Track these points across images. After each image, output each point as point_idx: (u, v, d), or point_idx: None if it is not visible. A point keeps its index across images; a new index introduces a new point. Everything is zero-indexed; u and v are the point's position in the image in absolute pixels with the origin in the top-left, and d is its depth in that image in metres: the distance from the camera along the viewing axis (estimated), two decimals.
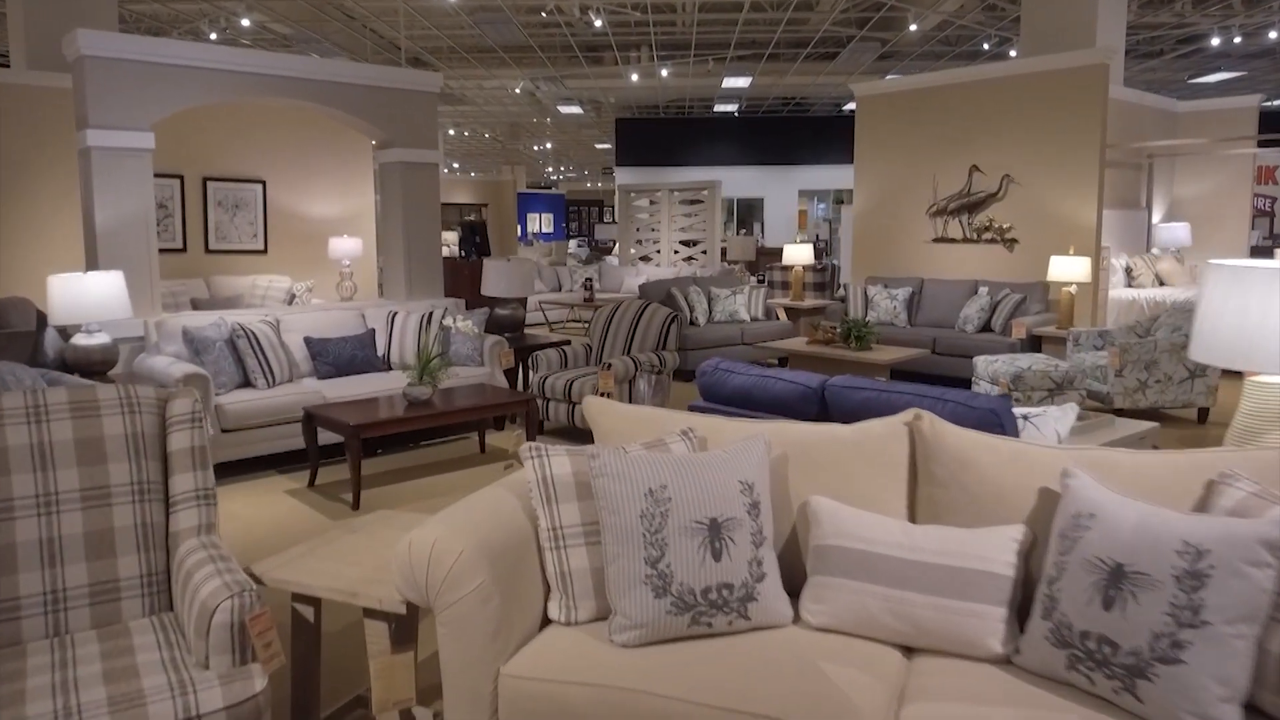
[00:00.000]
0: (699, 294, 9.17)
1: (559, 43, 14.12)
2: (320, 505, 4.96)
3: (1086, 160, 8.23)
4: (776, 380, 3.43)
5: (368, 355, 6.24)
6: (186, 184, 9.09)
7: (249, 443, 5.43)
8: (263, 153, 9.47)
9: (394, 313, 6.56)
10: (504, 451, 6.03)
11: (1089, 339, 7.36)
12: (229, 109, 9.20)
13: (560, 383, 6.19)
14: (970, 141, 9.02)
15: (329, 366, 6.04)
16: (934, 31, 13.48)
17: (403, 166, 7.14)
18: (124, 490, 2.40)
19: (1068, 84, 8.30)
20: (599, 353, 6.74)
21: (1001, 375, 6.75)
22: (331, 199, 9.96)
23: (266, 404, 5.46)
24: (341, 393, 5.73)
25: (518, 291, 7.10)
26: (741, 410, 3.50)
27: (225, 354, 5.56)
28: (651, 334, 6.50)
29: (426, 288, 7.35)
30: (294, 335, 6.12)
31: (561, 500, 2.23)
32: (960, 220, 9.12)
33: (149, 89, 5.99)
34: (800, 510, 2.36)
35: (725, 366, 3.62)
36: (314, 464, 5.28)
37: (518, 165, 29.00)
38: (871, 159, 9.92)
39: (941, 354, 8.14)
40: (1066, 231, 8.37)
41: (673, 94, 18.78)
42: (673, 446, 2.40)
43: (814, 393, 3.32)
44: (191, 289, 8.96)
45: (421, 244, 7.29)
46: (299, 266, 9.76)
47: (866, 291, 9.24)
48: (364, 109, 6.93)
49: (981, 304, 8.27)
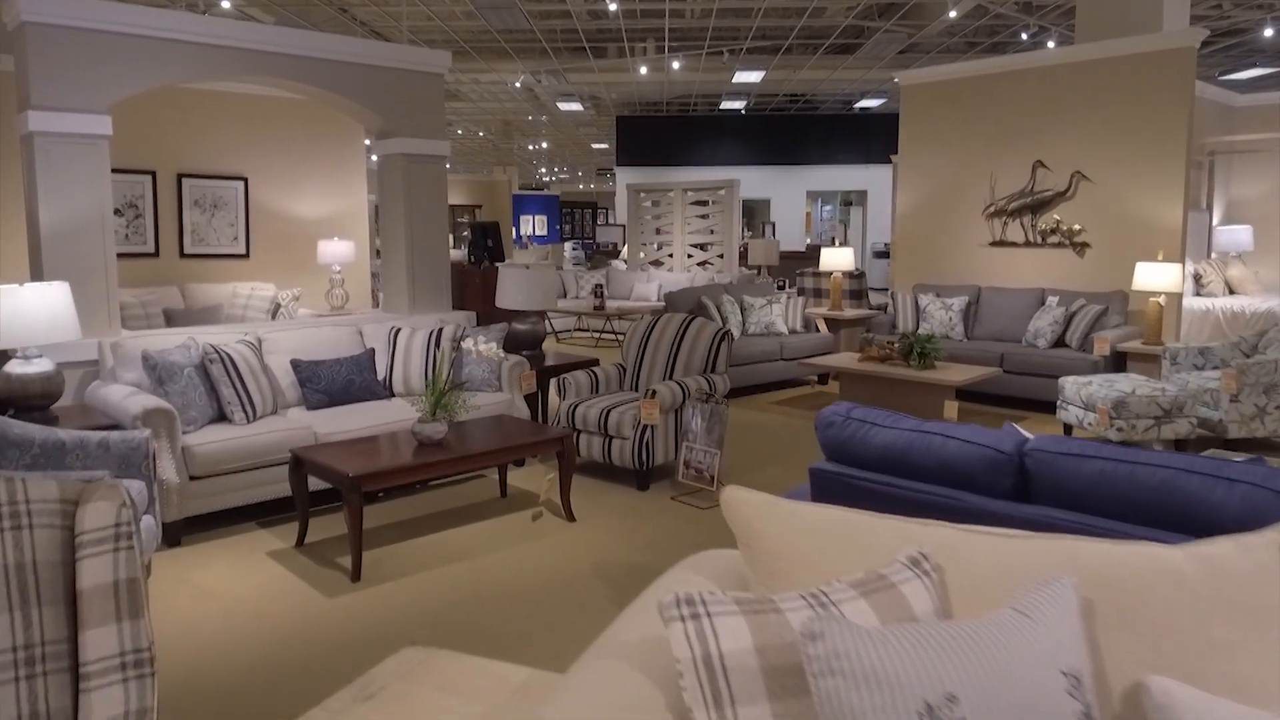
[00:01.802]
0: (732, 304, 8.23)
1: (564, 32, 13.17)
2: (312, 574, 3.99)
3: (1170, 155, 7.35)
4: (947, 439, 2.49)
5: (366, 380, 5.28)
6: (159, 181, 8.18)
7: (224, 491, 4.46)
8: (244, 146, 8.55)
9: (396, 329, 5.59)
10: (530, 496, 5.08)
11: (1188, 357, 6.47)
12: (206, 96, 8.24)
13: (594, 412, 5.24)
14: (1033, 135, 8.12)
15: (321, 395, 5.08)
16: (966, 20, 12.61)
17: (405, 159, 6.17)
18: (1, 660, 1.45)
19: (1147, 69, 7.42)
20: (635, 375, 5.79)
21: (1099, 401, 5.85)
22: (321, 198, 9.02)
23: (245, 444, 4.49)
24: (336, 427, 4.77)
25: (539, 304, 6.15)
26: (896, 482, 2.56)
27: (195, 382, 4.59)
28: (698, 354, 5.56)
29: (433, 300, 6.38)
30: (279, 357, 5.15)
31: (741, 701, 1.29)
32: (1022, 222, 8.23)
33: (105, 63, 5.01)
34: (1131, 700, 1.42)
35: (863, 415, 2.68)
36: (303, 518, 4.31)
37: (510, 166, 28.04)
38: (917, 155, 9.01)
39: (1012, 372, 7.23)
40: (1147, 235, 7.48)
41: (679, 89, 17.87)
42: (906, 590, 1.46)
43: (1008, 459, 2.39)
44: (164, 298, 8.00)
45: (427, 249, 6.33)
46: (285, 272, 8.82)
47: (918, 301, 8.33)
48: (361, 92, 5.97)
49: (1054, 316, 7.37)
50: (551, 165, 34.91)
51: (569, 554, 4.21)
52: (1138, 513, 2.18)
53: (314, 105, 8.43)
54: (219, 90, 8.36)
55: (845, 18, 12.65)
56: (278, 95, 8.43)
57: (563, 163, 33.93)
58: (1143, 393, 5.77)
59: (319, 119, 8.77)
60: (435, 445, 4.26)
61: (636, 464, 5.09)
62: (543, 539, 4.41)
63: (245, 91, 8.47)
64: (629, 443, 5.11)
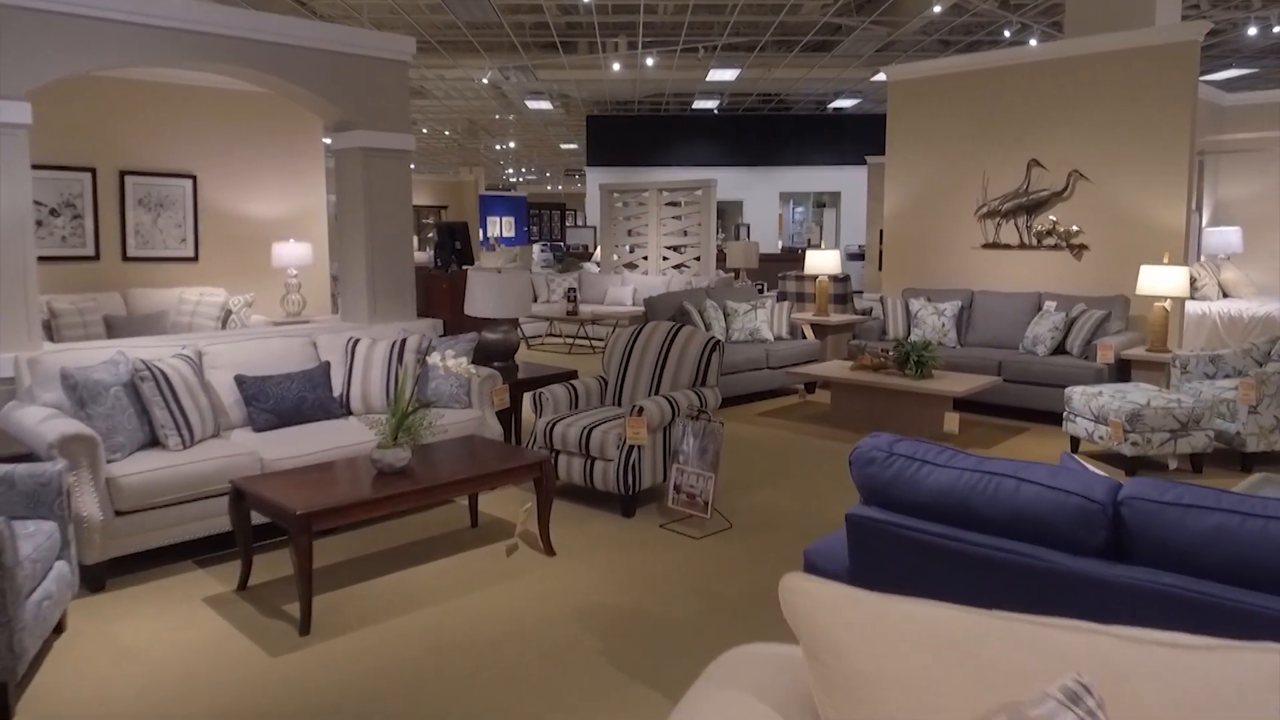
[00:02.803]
0: (716, 310, 7.79)
1: (533, 26, 12.68)
2: (255, 626, 3.48)
3: (1172, 153, 7.03)
4: (1020, 483, 2.06)
5: (321, 398, 4.76)
6: (100, 179, 7.62)
7: (156, 528, 3.92)
8: (193, 141, 8.02)
9: (354, 340, 5.08)
10: (504, 524, 4.59)
11: (1198, 365, 6.13)
12: (152, 87, 7.68)
13: (574, 431, 4.77)
14: (1028, 132, 7.78)
15: (269, 415, 4.55)
16: (945, 18, 12.30)
17: (365, 154, 5.66)
18: None
19: (1148, 64, 7.10)
20: (617, 389, 5.33)
21: (1111, 413, 5.48)
22: (276, 197, 8.49)
23: (181, 473, 3.96)
24: (285, 452, 4.25)
25: (511, 311, 5.66)
26: (956, 534, 2.12)
27: (123, 403, 4.05)
28: (687, 365, 5.10)
29: (396, 307, 5.87)
30: (222, 373, 4.62)
31: None
32: (1016, 223, 7.88)
33: (21, 43, 4.45)
34: None
35: (911, 451, 2.25)
36: (246, 557, 3.79)
37: (476, 166, 27.44)
38: (906, 153, 8.64)
39: (1011, 381, 6.86)
40: (1149, 237, 7.16)
41: (651, 88, 17.43)
42: None
43: (1099, 510, 1.96)
44: (105, 304, 7.43)
45: (389, 252, 5.81)
46: (236, 277, 8.28)
47: (909, 306, 7.95)
48: (315, 80, 5.45)
49: (1054, 322, 7.01)
50: (519, 166, 34.35)
51: (549, 596, 3.74)
52: (1271, 579, 1.76)
53: (269, 97, 7.87)
54: (166, 81, 7.79)
55: (822, 15, 12.28)
56: (230, 86, 7.87)
57: (530, 163, 33.38)
58: (1158, 405, 5.41)
59: (274, 112, 8.21)
60: (397, 474, 3.76)
61: (621, 488, 4.62)
62: (519, 578, 3.92)
63: (195, 82, 7.90)
64: (613, 465, 4.64)
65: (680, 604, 3.65)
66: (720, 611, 3.59)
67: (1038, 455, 6.00)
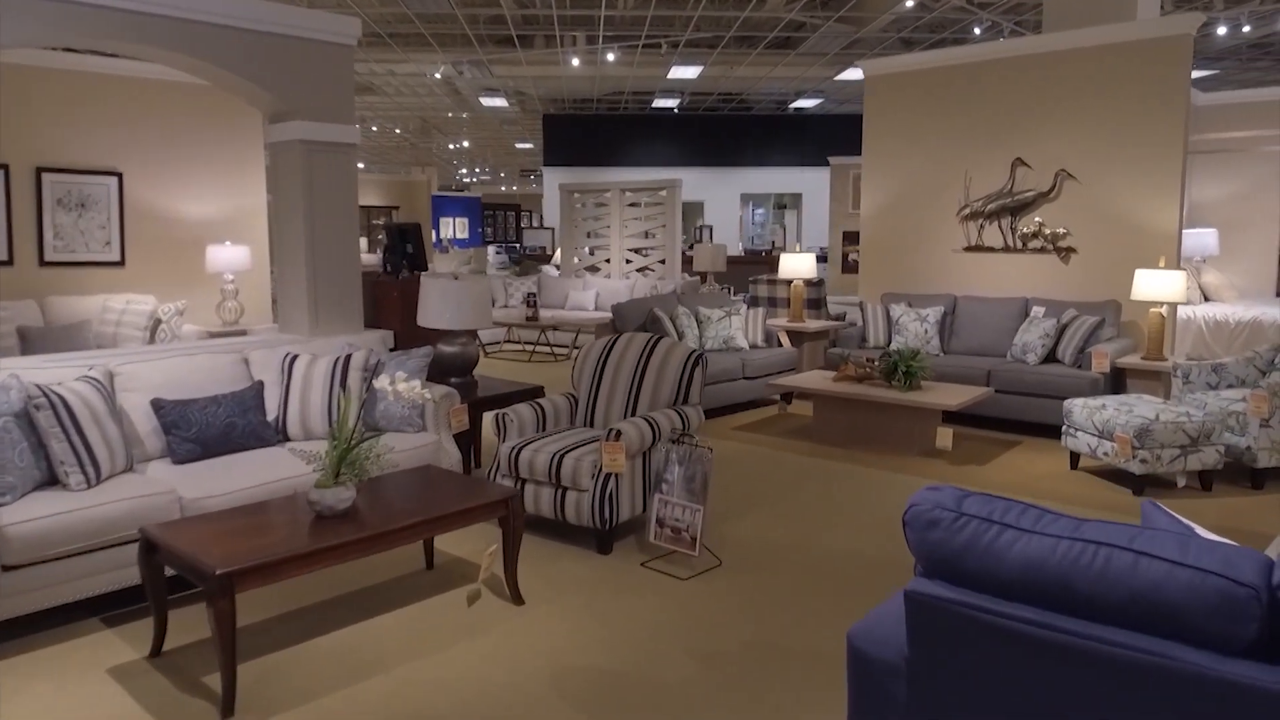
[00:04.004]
0: (688, 317, 7.32)
1: (488, 20, 12.11)
2: (168, 706, 2.91)
3: (1164, 152, 6.73)
4: (1140, 557, 1.61)
5: (252, 423, 4.18)
6: (13, 176, 7.02)
7: (55, 583, 3.32)
8: (118, 135, 7.41)
9: (292, 356, 4.50)
10: (464, 565, 4.07)
11: (1200, 374, 5.81)
12: (71, 77, 7.05)
13: (543, 458, 4.25)
14: (1013, 130, 7.43)
15: (191, 444, 3.97)
16: (913, 14, 11.99)
17: (305, 147, 5.08)
18: None
19: (1138, 59, 6.78)
20: (589, 407, 4.82)
21: (1118, 428, 5.12)
22: (212, 195, 7.88)
23: (83, 517, 3.37)
24: (210, 489, 3.68)
25: (470, 321, 5.12)
26: (1056, 621, 1.66)
27: (14, 436, 3.45)
28: (667, 382, 4.62)
29: (340, 317, 5.29)
30: (137, 396, 4.03)
31: None
32: (1000, 225, 7.53)
33: None
34: None
35: (985, 511, 1.79)
36: (160, 618, 3.22)
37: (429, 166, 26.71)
38: (883, 151, 8.25)
39: (1001, 391, 6.49)
40: (1140, 239, 6.84)
41: (611, 85, 16.93)
42: None
43: (1250, 596, 1.51)
44: (19, 314, 6.80)
45: (333, 256, 5.24)
46: (167, 283, 7.66)
47: (889, 312, 7.55)
48: (248, 64, 4.86)
49: (1044, 328, 6.66)
50: (473, 166, 33.66)
51: (519, 655, 3.22)
52: None
53: (204, 88, 7.25)
54: (87, 69, 7.13)
55: (787, 11, 11.91)
56: (160, 76, 7.25)
57: (485, 163, 32.72)
58: (1167, 419, 5.06)
59: (210, 104, 7.59)
60: (340, 519, 3.22)
61: (597, 522, 4.12)
62: (484, 633, 3.40)
63: (121, 72, 7.26)
64: (588, 496, 4.14)
65: (671, 663, 3.16)
66: (718, 670, 3.10)
67: (1038, 472, 5.62)
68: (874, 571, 4.00)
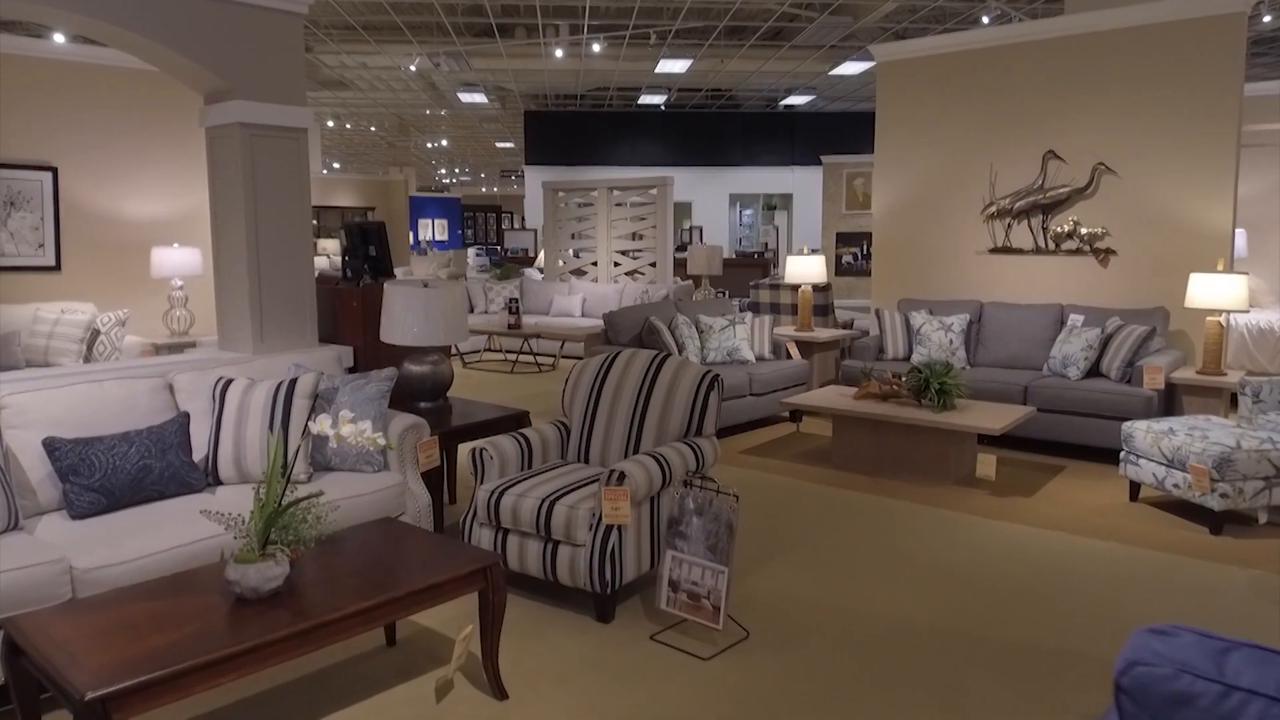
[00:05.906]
0: (688, 326, 6.59)
1: (467, 9, 11.34)
2: None
3: (1216, 143, 6.09)
4: None
5: (173, 466, 3.41)
6: None
7: None
8: (53, 127, 6.67)
9: (225, 382, 3.73)
10: (434, 643, 3.32)
11: (1273, 392, 5.14)
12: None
13: (528, 504, 3.51)
14: (1043, 120, 6.76)
15: (93, 494, 3.20)
16: (914, 3, 11.34)
17: (247, 131, 4.31)
18: None
19: (1186, 41, 6.13)
20: (583, 440, 4.08)
21: (1193, 456, 4.43)
22: (158, 193, 7.11)
23: None
24: (110, 556, 2.91)
25: (441, 337, 4.37)
26: None
27: None
28: (676, 410, 3.88)
29: (290, 331, 4.53)
30: (27, 434, 3.25)
31: None
32: (1030, 224, 6.86)
33: None
34: None
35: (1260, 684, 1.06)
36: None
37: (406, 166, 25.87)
38: (897, 145, 7.56)
39: (1041, 410, 5.80)
40: (1189, 240, 6.20)
41: (595, 80, 16.19)
42: None
43: None
44: None
45: (282, 260, 4.47)
46: (108, 290, 6.90)
47: (909, 320, 6.86)
48: (179, 34, 4.09)
49: (1087, 339, 5.98)
50: (452, 166, 32.83)
51: None
52: None
53: (148, 74, 6.46)
54: (14, 54, 6.32)
55: (779, 3, 11.22)
56: (99, 61, 6.48)
57: (464, 163, 31.90)
58: (1250, 446, 4.38)
59: (154, 93, 6.81)
60: (267, 603, 2.47)
61: (597, 585, 3.38)
62: None
63: (54, 56, 6.46)
64: (584, 552, 3.40)
65: None
66: None
67: (1094, 505, 4.93)
68: (932, 647, 3.28)
